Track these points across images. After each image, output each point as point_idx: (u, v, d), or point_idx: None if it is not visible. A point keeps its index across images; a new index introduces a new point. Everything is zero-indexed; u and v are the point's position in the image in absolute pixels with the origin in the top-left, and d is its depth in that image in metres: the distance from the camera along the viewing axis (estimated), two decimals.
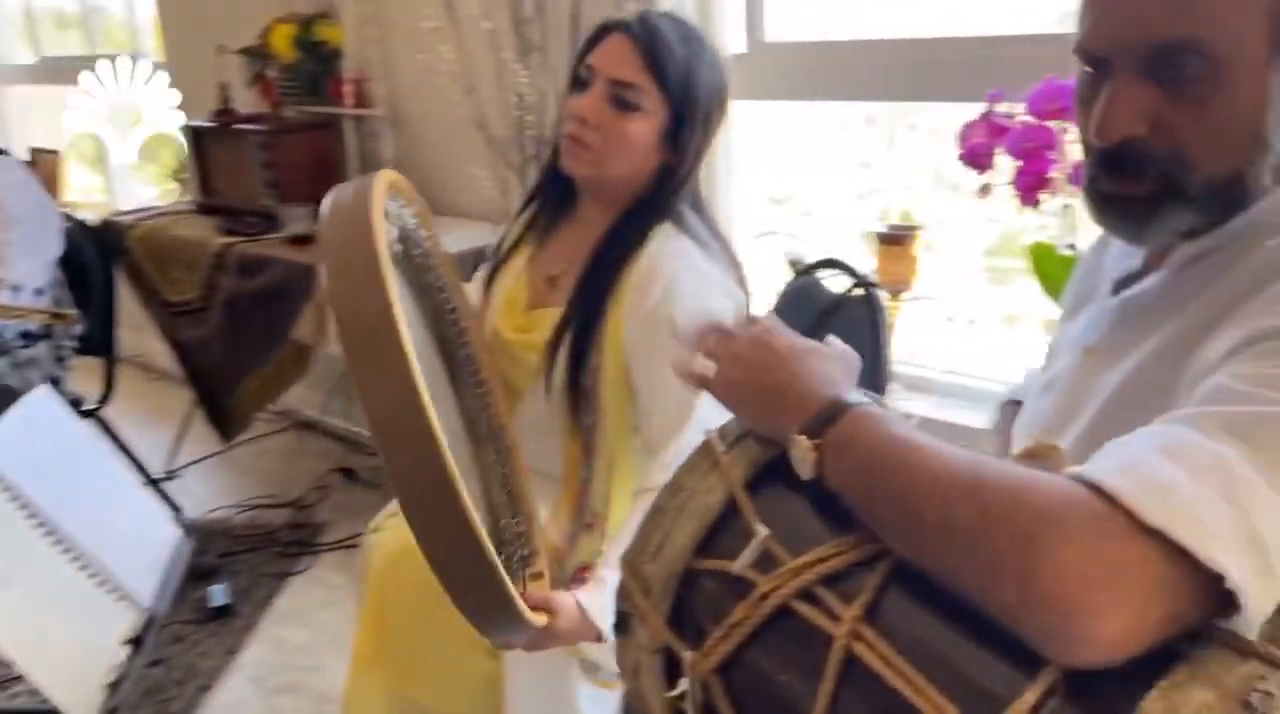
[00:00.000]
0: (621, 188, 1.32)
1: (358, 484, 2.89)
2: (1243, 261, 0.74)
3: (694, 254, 1.30)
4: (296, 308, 2.21)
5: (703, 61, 1.29)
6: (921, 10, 2.06)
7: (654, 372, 1.26)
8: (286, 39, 2.55)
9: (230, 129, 2.57)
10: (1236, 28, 0.71)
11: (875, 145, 2.31)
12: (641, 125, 1.26)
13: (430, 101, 2.54)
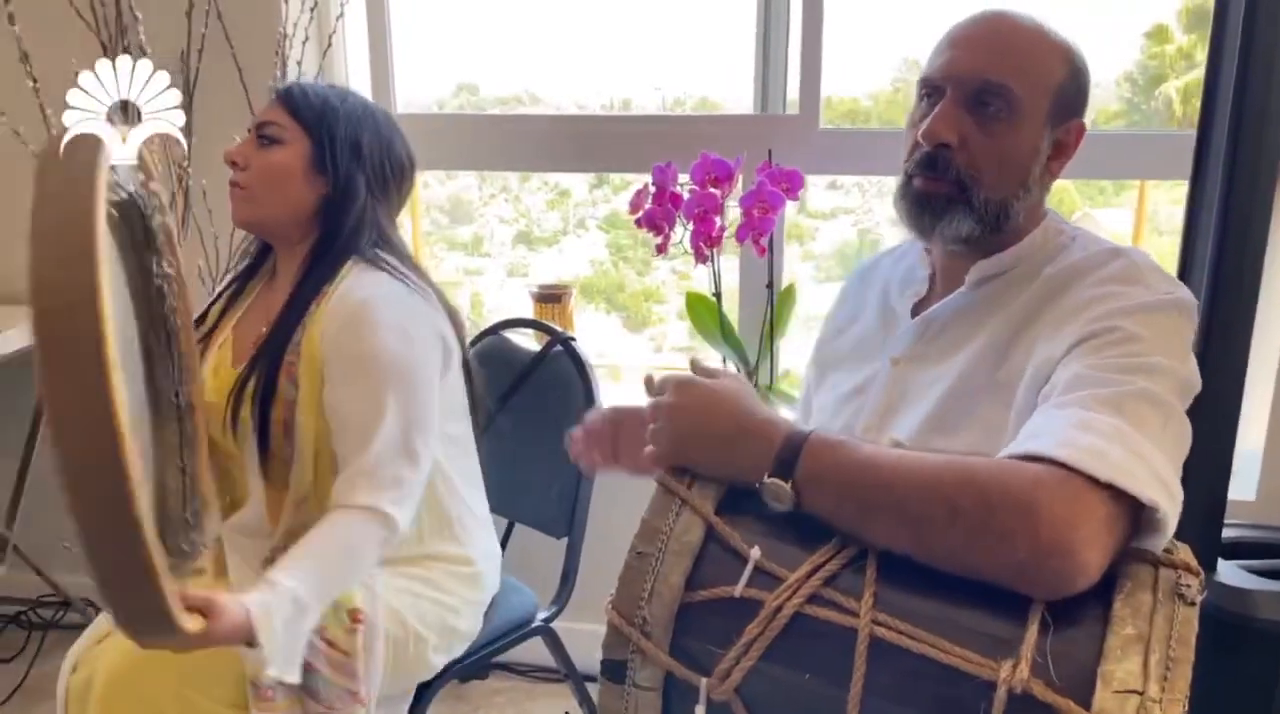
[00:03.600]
0: (290, 226, 1.37)
1: None
2: (1028, 286, 1.02)
3: (386, 282, 1.36)
4: None
5: (342, 98, 1.39)
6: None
7: (341, 393, 1.31)
8: None
9: None
10: (1034, 92, 1.00)
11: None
12: (283, 155, 1.34)
13: None
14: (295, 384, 1.32)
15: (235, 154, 1.35)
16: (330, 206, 1.36)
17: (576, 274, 2.68)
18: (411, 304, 1.36)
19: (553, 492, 1.70)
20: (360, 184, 1.36)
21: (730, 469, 0.90)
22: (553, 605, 1.68)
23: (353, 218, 1.36)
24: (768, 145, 1.85)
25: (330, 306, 1.32)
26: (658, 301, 2.71)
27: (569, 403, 1.70)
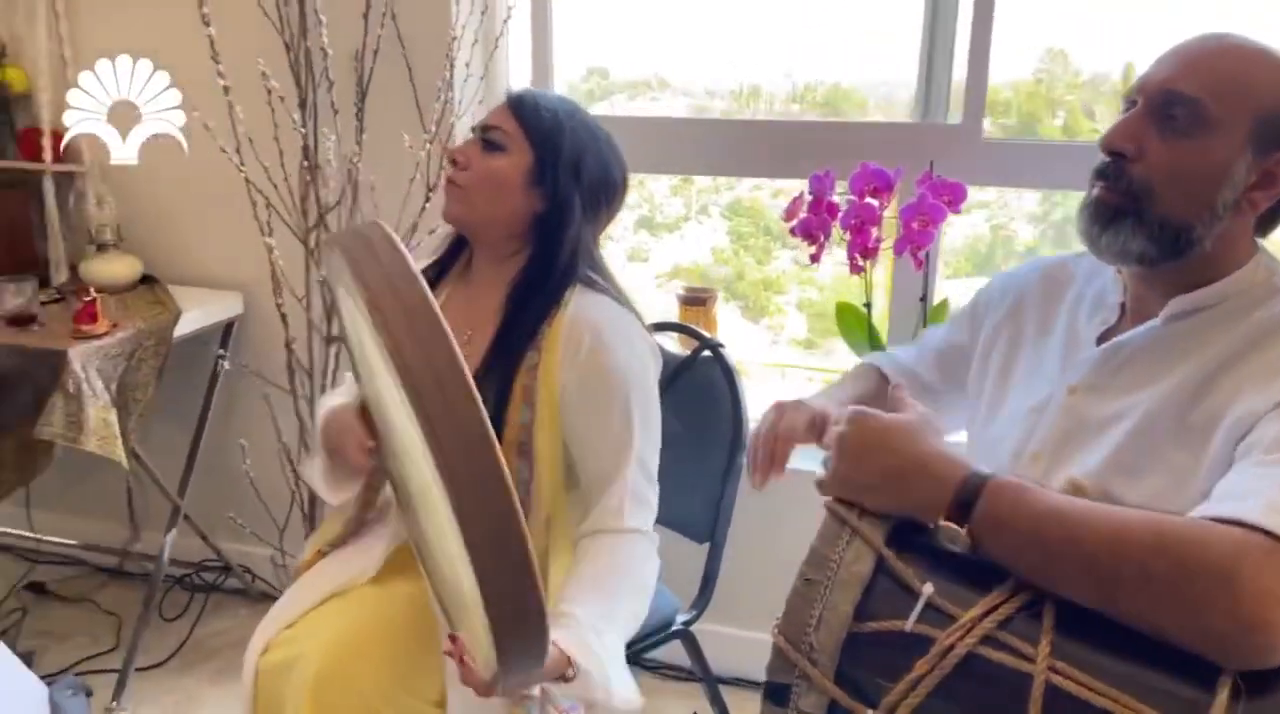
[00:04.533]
0: (500, 234, 1.37)
1: (53, 599, 2.45)
2: (1232, 327, 0.96)
3: (612, 307, 1.37)
4: (25, 401, 1.85)
5: (570, 114, 1.38)
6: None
7: (591, 418, 1.32)
8: None
9: None
10: (1230, 110, 0.94)
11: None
12: (505, 163, 1.33)
13: (152, 156, 2.27)
14: (532, 406, 1.32)
15: (458, 153, 1.35)
16: (544, 224, 1.35)
17: (696, 261, 2.68)
18: (634, 324, 1.38)
19: (696, 497, 1.72)
20: (576, 205, 1.35)
21: (904, 507, 0.89)
22: (692, 609, 1.69)
23: (569, 240, 1.35)
24: (928, 154, 1.81)
25: (564, 332, 1.31)
26: (777, 291, 2.68)
27: (716, 410, 1.71)
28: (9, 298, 1.93)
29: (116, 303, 2.09)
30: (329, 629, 1.33)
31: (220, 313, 2.24)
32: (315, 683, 1.26)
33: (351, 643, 1.30)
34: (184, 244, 2.31)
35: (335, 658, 1.28)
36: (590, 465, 1.34)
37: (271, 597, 2.37)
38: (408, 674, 1.28)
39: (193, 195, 2.27)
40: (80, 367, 1.84)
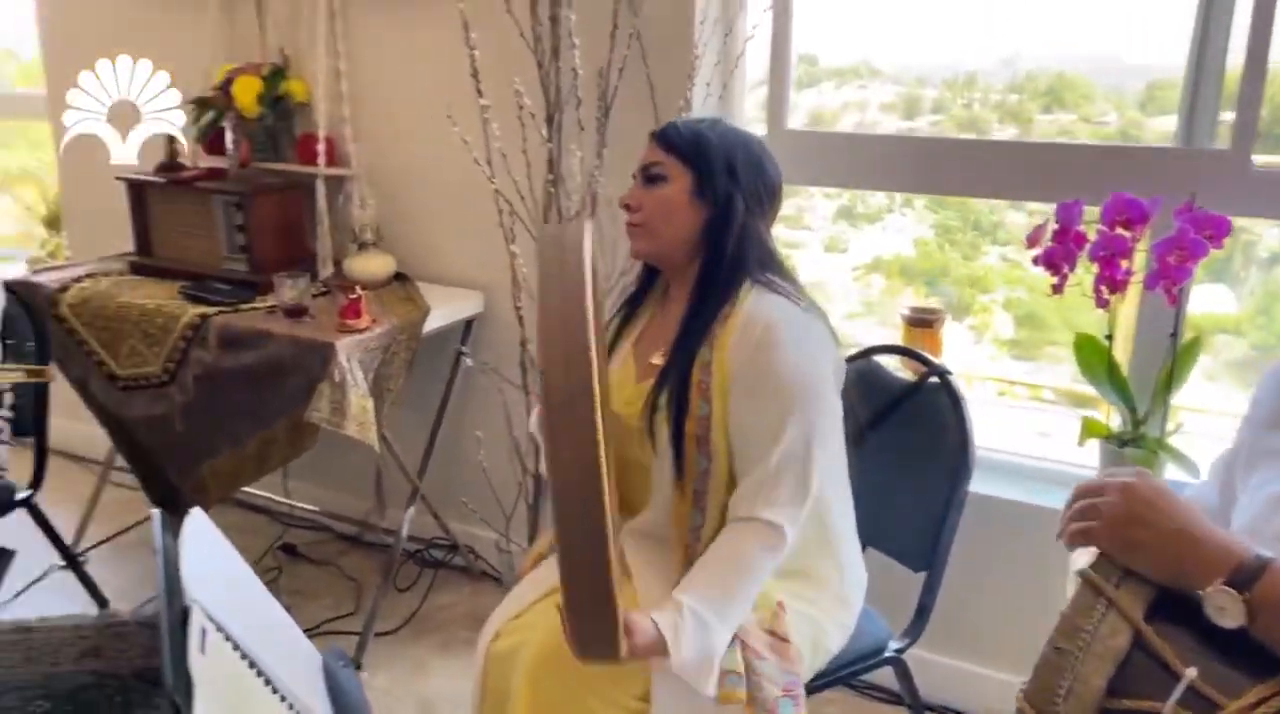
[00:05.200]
0: (681, 251, 1.47)
1: (303, 561, 2.71)
2: None
3: (788, 307, 1.42)
4: (297, 386, 2.06)
5: (711, 127, 1.48)
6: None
7: (748, 410, 1.39)
8: (251, 93, 2.37)
9: (183, 185, 2.36)
10: None
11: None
12: (669, 190, 1.44)
13: (411, 163, 2.46)
14: (709, 401, 1.40)
15: (628, 199, 1.48)
16: (713, 226, 1.44)
17: (897, 252, 2.62)
18: (812, 329, 1.42)
19: (914, 524, 1.70)
20: (738, 202, 1.44)
21: (1175, 572, 0.87)
22: (905, 637, 1.68)
23: (734, 234, 1.44)
24: (1188, 182, 1.71)
25: (737, 327, 1.40)
26: (983, 289, 2.58)
27: (940, 437, 1.69)
28: (287, 291, 2.15)
29: (374, 298, 2.27)
30: (548, 622, 1.43)
31: (462, 311, 2.40)
32: (533, 671, 1.38)
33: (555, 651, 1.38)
34: (434, 245, 2.48)
35: (552, 649, 1.38)
36: (741, 454, 1.40)
37: (492, 577, 2.56)
38: (619, 671, 1.35)
39: (445, 201, 2.44)
40: (345, 358, 2.02)
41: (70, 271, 2.46)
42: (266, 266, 2.31)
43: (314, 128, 2.43)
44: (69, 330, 2.31)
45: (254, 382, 2.12)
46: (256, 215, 2.30)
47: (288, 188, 2.40)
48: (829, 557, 1.52)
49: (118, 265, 2.49)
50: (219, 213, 2.32)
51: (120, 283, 2.37)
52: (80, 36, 2.84)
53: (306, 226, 2.44)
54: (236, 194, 2.29)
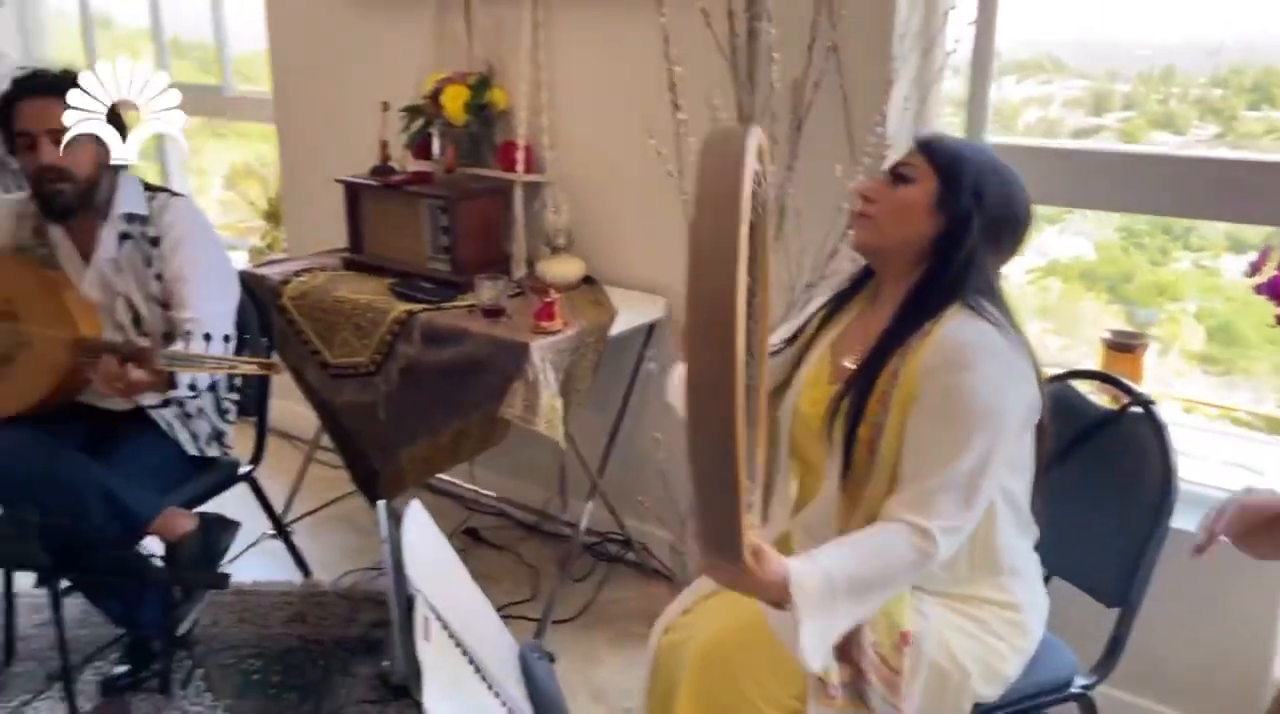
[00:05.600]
0: (903, 256, 1.45)
1: (484, 546, 2.85)
2: None
3: (992, 334, 1.39)
4: (492, 383, 2.17)
5: (976, 150, 1.47)
6: None
7: (928, 428, 1.37)
8: (459, 101, 2.51)
9: (395, 189, 2.53)
10: None
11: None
12: (912, 191, 1.43)
13: (603, 171, 2.54)
14: (886, 410, 1.41)
15: (868, 190, 1.47)
16: (942, 243, 1.43)
17: (1076, 255, 2.50)
18: (1011, 360, 1.39)
19: (1111, 558, 1.65)
20: (974, 227, 1.41)
21: None
22: (1093, 674, 1.63)
23: (961, 257, 1.42)
24: None
25: (933, 343, 1.39)
26: (1173, 298, 2.42)
27: (1140, 469, 1.63)
28: (486, 291, 2.27)
29: (564, 301, 2.37)
30: (715, 619, 1.48)
31: (646, 315, 2.47)
32: (698, 666, 1.43)
33: (733, 633, 1.44)
34: (621, 250, 2.56)
35: (718, 644, 1.43)
36: (910, 466, 1.38)
37: (663, 575, 2.62)
38: (779, 669, 1.39)
39: (633, 208, 2.51)
40: (539, 359, 2.12)
41: (290, 265, 2.67)
42: (467, 267, 2.44)
43: (514, 135, 2.55)
44: (289, 320, 2.51)
45: (452, 376, 2.26)
46: (460, 219, 2.44)
47: (488, 193, 2.53)
48: (1000, 584, 1.49)
49: (332, 261, 2.69)
50: (426, 215, 2.47)
51: (335, 278, 2.56)
52: (305, 42, 3.07)
53: (503, 230, 2.56)
54: (443, 198, 2.44)
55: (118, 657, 2.22)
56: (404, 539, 1.22)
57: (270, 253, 3.52)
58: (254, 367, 1.82)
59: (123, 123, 2.07)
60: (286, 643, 2.39)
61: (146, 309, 2.11)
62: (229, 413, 2.34)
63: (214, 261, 2.17)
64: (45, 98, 1.97)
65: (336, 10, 2.93)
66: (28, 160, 2.00)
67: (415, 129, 2.64)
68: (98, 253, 2.09)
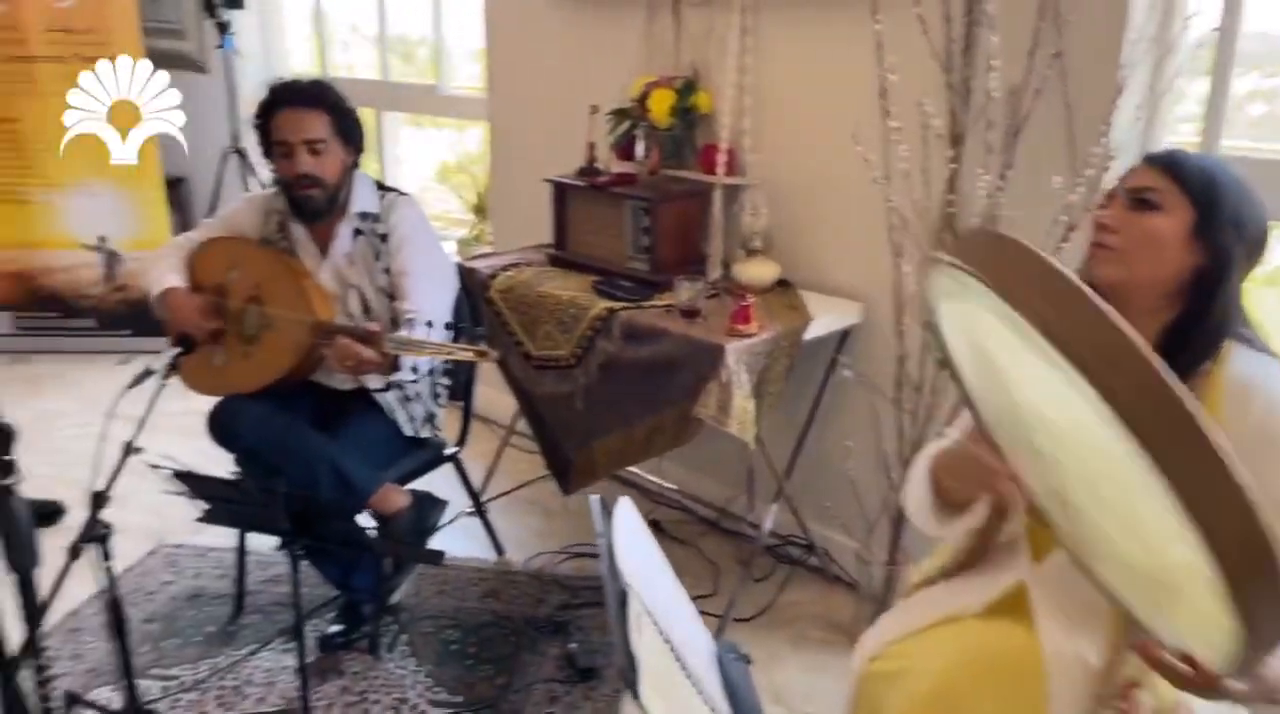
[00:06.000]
0: (1153, 292, 1.33)
1: (666, 539, 2.91)
2: None
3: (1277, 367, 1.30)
4: (687, 382, 2.22)
5: (1224, 169, 1.32)
6: None
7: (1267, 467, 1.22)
8: (665, 105, 2.57)
9: (601, 189, 2.61)
10: None
11: None
12: (1163, 222, 1.30)
13: (804, 175, 2.54)
14: None
15: (1109, 218, 1.35)
16: (1203, 280, 1.31)
17: None
18: None
19: None
20: (1239, 257, 1.31)
21: None
22: None
23: (1228, 292, 1.31)
24: None
25: (1227, 390, 1.29)
26: None
27: None
28: (684, 292, 2.32)
29: (760, 303, 2.39)
30: (940, 654, 1.42)
31: (841, 321, 2.46)
32: (928, 702, 1.38)
33: (963, 672, 1.39)
34: (817, 254, 2.56)
35: (948, 682, 1.38)
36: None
37: (845, 583, 2.61)
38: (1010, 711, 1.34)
39: (833, 212, 2.50)
40: (734, 361, 2.16)
41: (498, 260, 2.81)
42: (665, 267, 2.50)
43: (716, 138, 2.59)
44: (496, 312, 2.64)
45: (649, 373, 2.32)
46: (661, 220, 2.50)
47: (689, 195, 2.58)
48: None
49: (538, 256, 2.81)
50: (628, 216, 2.55)
51: (540, 273, 2.67)
52: (520, 44, 3.21)
53: (701, 231, 2.60)
54: (646, 200, 2.50)
55: (332, 617, 2.41)
56: (615, 533, 1.28)
57: (476, 245, 3.70)
58: (470, 353, 1.94)
59: (361, 129, 2.25)
60: (481, 617, 2.52)
61: (375, 299, 2.28)
62: (441, 397, 2.49)
63: (435, 257, 2.32)
64: (301, 108, 2.15)
65: (550, 13, 3.04)
66: (284, 167, 2.18)
67: (621, 131, 2.71)
68: (334, 247, 2.27)
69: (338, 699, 2.21)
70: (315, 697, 2.20)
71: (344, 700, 2.21)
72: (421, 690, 2.24)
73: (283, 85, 2.21)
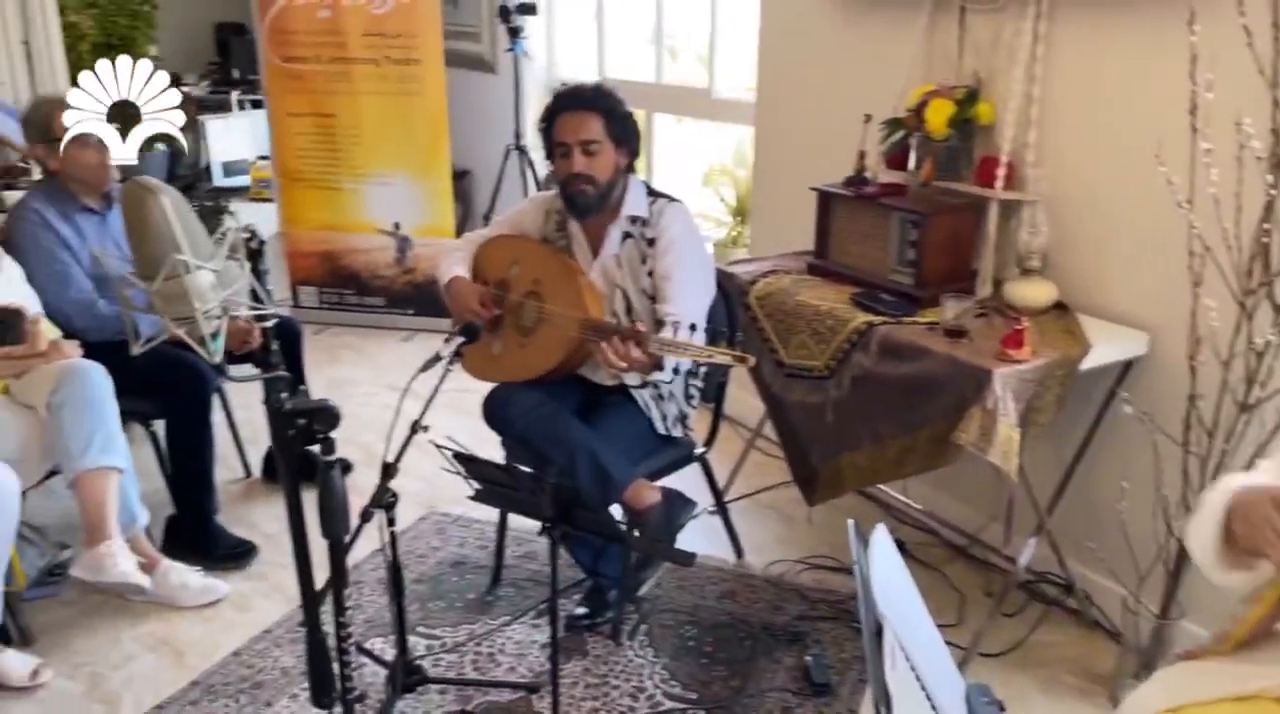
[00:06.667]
0: None
1: (910, 560, 2.83)
2: None
3: None
4: (947, 405, 2.15)
5: None
6: None
7: None
8: (942, 115, 2.49)
9: (868, 199, 2.57)
10: None
11: None
12: None
13: (1092, 193, 2.38)
14: None
15: None
16: None
17: None
18: None
19: None
20: None
21: None
22: None
23: None
24: None
25: None
26: None
27: None
28: (949, 310, 2.24)
29: (1033, 327, 2.26)
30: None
31: (1124, 351, 2.29)
32: None
33: None
34: (1100, 278, 2.39)
35: None
36: None
37: (1107, 631, 2.43)
38: None
39: (1122, 234, 2.33)
40: (1001, 387, 2.06)
41: (757, 265, 2.83)
42: (931, 282, 2.43)
43: (995, 150, 2.47)
44: (752, 317, 2.66)
45: (905, 392, 2.26)
46: (930, 233, 2.42)
47: (961, 208, 2.49)
48: None
49: (797, 264, 2.80)
50: (895, 227, 2.49)
51: (799, 281, 2.67)
52: (793, 49, 3.21)
53: (973, 246, 2.51)
54: (915, 213, 2.44)
55: (579, 599, 2.53)
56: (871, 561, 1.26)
57: (733, 248, 3.75)
58: (729, 357, 1.97)
59: (637, 128, 2.34)
60: (718, 617, 2.56)
61: (637, 300, 2.36)
62: (694, 398, 2.55)
63: (699, 263, 2.37)
64: (580, 111, 2.28)
65: (827, 19, 3.02)
66: (562, 167, 2.32)
67: (894, 140, 2.65)
68: (604, 248, 2.38)
69: (580, 678, 2.32)
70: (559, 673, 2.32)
71: (586, 680, 2.31)
72: (658, 682, 2.31)
73: (565, 91, 2.35)
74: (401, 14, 4.31)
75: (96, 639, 2.48)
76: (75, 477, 2.36)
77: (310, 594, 1.49)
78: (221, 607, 2.62)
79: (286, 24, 4.40)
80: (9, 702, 2.25)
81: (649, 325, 2.30)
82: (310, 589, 1.48)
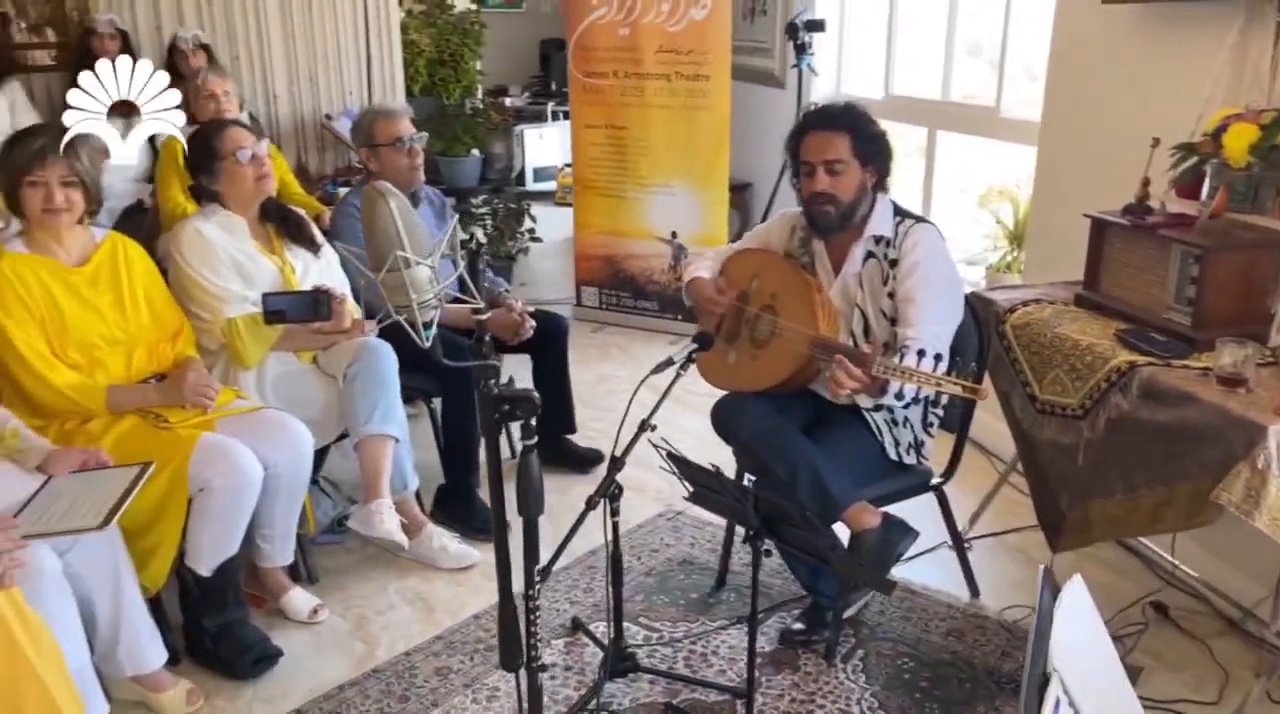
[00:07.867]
0: None
1: (1171, 627, 2.57)
2: None
3: None
4: (1211, 459, 1.95)
5: None
6: None
7: None
8: (1243, 141, 2.25)
9: (1147, 230, 2.37)
10: None
11: None
12: None
13: None
14: None
15: None
16: None
17: None
18: None
19: None
20: None
21: None
22: None
23: None
24: None
25: None
26: None
27: None
28: (1227, 356, 2.02)
29: None
30: None
31: None
32: None
33: None
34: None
35: None
36: None
37: None
38: None
39: None
40: (1276, 446, 1.85)
41: (1019, 293, 2.69)
42: (1210, 324, 2.21)
43: None
44: (1006, 346, 2.54)
45: (1165, 440, 2.08)
46: (1214, 270, 2.20)
47: (1258, 245, 2.24)
48: None
49: (1064, 293, 2.64)
50: (1175, 262, 2.29)
51: (1061, 313, 2.51)
52: (1085, 69, 3.02)
53: (1267, 288, 2.25)
54: (1198, 247, 2.22)
55: (797, 614, 2.54)
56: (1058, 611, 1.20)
57: (1006, 274, 3.57)
58: (959, 388, 1.91)
59: (888, 148, 2.32)
60: (940, 654, 2.47)
61: (875, 321, 2.34)
62: (932, 426, 2.48)
63: (945, 288, 2.30)
64: (827, 131, 2.29)
65: (1124, 36, 2.81)
66: (806, 185, 2.34)
67: (1186, 167, 2.43)
68: (846, 267, 2.37)
69: (787, 692, 2.33)
70: (766, 684, 2.34)
71: (792, 695, 2.32)
72: (865, 709, 2.27)
73: (814, 111, 2.36)
74: (695, 31, 4.48)
75: (368, 586, 2.81)
76: (359, 440, 2.68)
77: (505, 566, 1.63)
78: (472, 572, 2.87)
79: (591, 41, 4.71)
80: (290, 631, 2.60)
81: (878, 347, 2.27)
82: (505, 562, 1.63)
